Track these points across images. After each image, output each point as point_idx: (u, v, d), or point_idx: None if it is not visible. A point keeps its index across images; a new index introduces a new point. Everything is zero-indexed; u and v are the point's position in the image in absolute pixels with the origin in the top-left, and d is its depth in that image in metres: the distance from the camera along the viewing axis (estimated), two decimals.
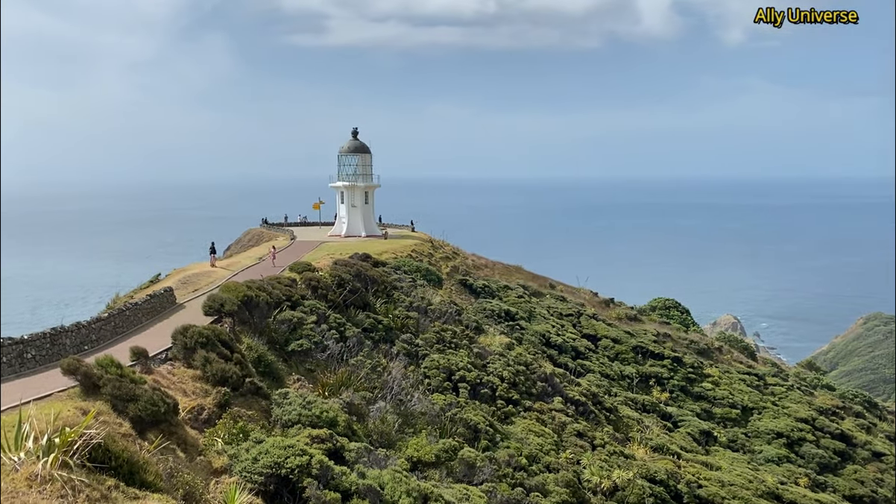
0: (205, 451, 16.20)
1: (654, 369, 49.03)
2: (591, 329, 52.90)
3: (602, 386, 42.67)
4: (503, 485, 23.15)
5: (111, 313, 27.38)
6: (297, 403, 20.30)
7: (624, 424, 37.55)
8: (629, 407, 41.49)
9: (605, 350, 50.38)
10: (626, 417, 38.68)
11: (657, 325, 61.30)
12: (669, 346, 53.00)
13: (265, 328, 27.33)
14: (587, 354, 47.97)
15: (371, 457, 19.30)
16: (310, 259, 43.64)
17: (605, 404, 38.16)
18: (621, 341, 51.62)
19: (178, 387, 19.08)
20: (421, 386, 29.90)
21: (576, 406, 35.56)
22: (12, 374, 20.14)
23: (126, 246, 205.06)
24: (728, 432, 43.70)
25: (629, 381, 46.93)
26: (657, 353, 50.85)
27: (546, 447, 28.64)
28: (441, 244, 65.40)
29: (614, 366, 48.33)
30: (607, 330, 53.02)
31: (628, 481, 27.65)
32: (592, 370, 45.39)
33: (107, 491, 9.85)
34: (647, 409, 42.88)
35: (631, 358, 50.19)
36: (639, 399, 43.86)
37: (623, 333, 53.01)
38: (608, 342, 51.24)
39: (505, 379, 33.27)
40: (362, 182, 67.63)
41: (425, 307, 39.68)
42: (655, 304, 75.14)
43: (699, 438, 40.86)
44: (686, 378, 49.15)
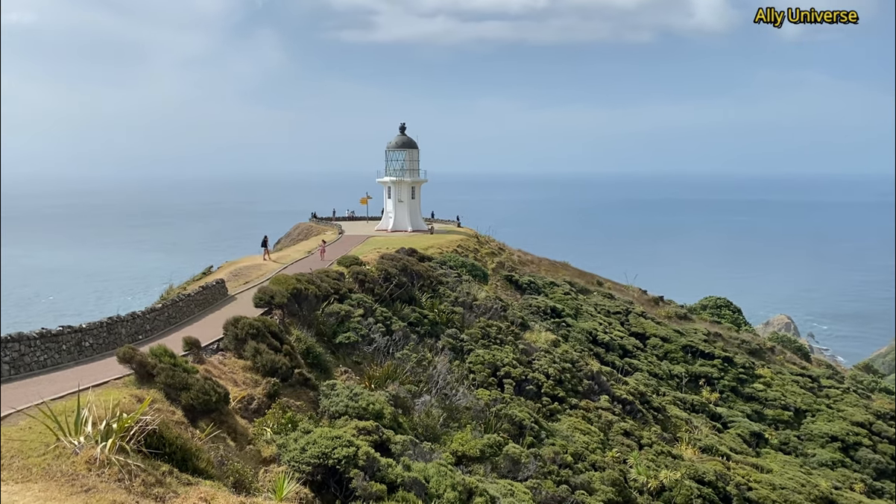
0: (254, 441, 16.51)
1: (704, 369, 48.14)
2: (640, 327, 52.20)
3: (650, 385, 42.09)
4: (548, 482, 23.04)
5: (165, 304, 28.11)
6: (344, 395, 20.53)
7: (672, 424, 36.99)
8: (678, 407, 40.84)
9: (654, 349, 49.67)
10: (675, 417, 38.09)
11: (708, 324, 60.16)
12: (720, 346, 51.96)
13: (314, 320, 27.71)
14: (635, 353, 47.37)
15: (416, 450, 19.41)
16: (357, 253, 44.05)
17: (652, 403, 37.65)
18: (670, 340, 50.81)
19: (228, 377, 19.48)
20: (466, 381, 29.95)
21: (623, 405, 35.18)
22: (71, 361, 20.85)
23: (179, 238, 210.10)
24: (780, 435, 42.66)
25: (678, 381, 46.19)
26: (707, 353, 49.91)
27: (592, 445, 28.39)
28: (487, 240, 65.31)
29: (663, 365, 47.61)
30: (656, 328, 52.25)
31: (676, 482, 27.24)
32: (640, 369, 44.82)
33: (161, 476, 10.13)
34: (696, 410, 42.15)
35: (680, 357, 49.38)
36: (688, 399, 43.13)
37: (672, 332, 52.17)
38: (657, 341, 50.50)
39: (551, 376, 33.09)
40: (409, 177, 67.93)
41: (470, 302, 39.69)
42: (706, 302, 73.73)
43: (749, 440, 40.00)
44: (737, 378, 48.13)
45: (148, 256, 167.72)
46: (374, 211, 79.20)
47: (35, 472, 9.54)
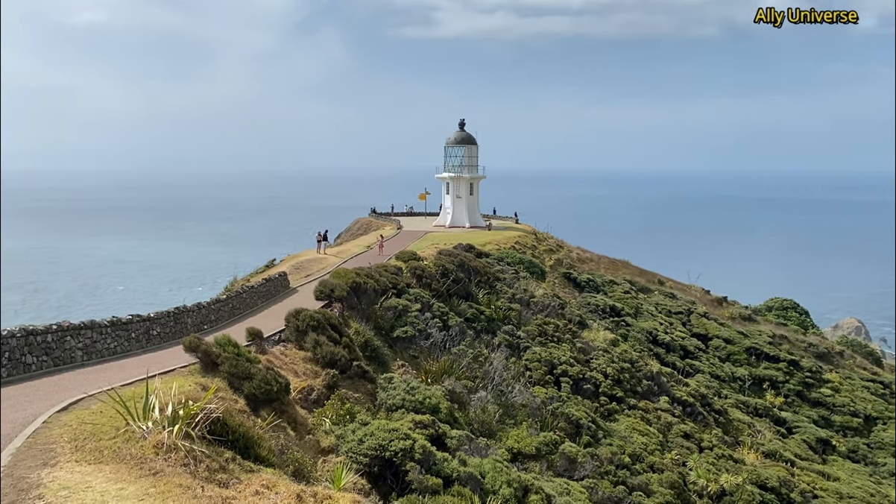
0: (313, 431, 16.80)
1: (769, 372, 46.78)
2: (702, 328, 51.04)
3: (712, 387, 41.15)
4: (605, 482, 22.78)
5: (229, 295, 28.88)
6: (401, 388, 20.71)
7: (734, 428, 36.11)
8: (740, 410, 39.82)
9: (716, 350, 48.51)
10: (737, 421, 37.17)
11: (773, 326, 58.40)
12: (786, 349, 50.40)
13: (372, 314, 28.03)
14: (697, 354, 46.36)
15: (472, 445, 19.45)
16: (415, 248, 44.35)
17: (714, 406, 36.81)
18: (734, 342, 49.53)
19: (289, 367, 19.88)
20: (522, 378, 29.84)
21: (683, 406, 34.51)
22: (139, 349, 21.64)
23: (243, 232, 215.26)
24: (848, 442, 41.13)
25: (741, 384, 45.01)
26: (772, 356, 48.47)
27: (650, 447, 27.94)
28: (545, 237, 64.85)
29: (725, 367, 46.46)
30: (719, 329, 51.01)
31: (737, 486, 26.59)
32: (702, 370, 43.85)
33: (224, 462, 10.41)
34: (759, 413, 41.01)
35: (743, 359, 48.10)
36: (751, 402, 41.99)
37: (736, 333, 50.85)
38: (719, 342, 49.31)
39: (609, 375, 32.68)
40: (467, 173, 67.97)
41: (528, 299, 39.50)
42: (772, 304, 71.54)
43: (815, 446, 38.69)
44: (803, 382, 46.60)
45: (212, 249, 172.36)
46: (432, 207, 79.60)
47: (106, 455, 9.92)
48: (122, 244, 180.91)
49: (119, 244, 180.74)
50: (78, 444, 10.44)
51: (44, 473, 9.20)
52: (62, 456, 9.92)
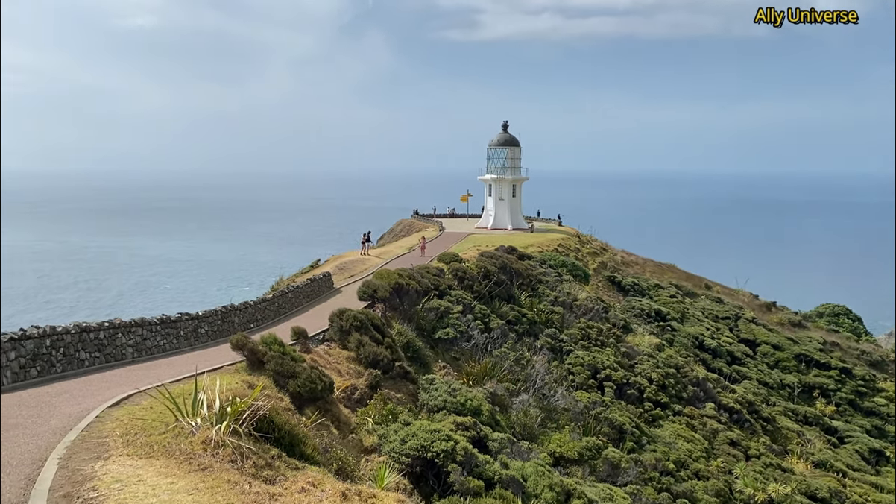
0: (356, 430, 16.93)
1: (819, 380, 45.54)
2: (750, 333, 49.97)
3: (759, 394, 40.26)
4: (648, 488, 22.47)
5: (275, 295, 29.31)
6: (442, 390, 20.75)
7: (782, 436, 35.26)
8: (789, 418, 38.86)
9: (765, 357, 47.43)
10: (785, 429, 36.28)
11: (824, 332, 56.83)
12: (837, 356, 49.00)
13: (414, 315, 28.15)
14: (744, 360, 45.41)
15: (514, 448, 19.38)
16: (457, 250, 44.37)
17: (761, 413, 36.01)
18: (783, 348, 48.37)
19: (333, 366, 20.08)
20: (564, 382, 29.63)
21: (730, 413, 33.85)
22: (188, 346, 22.09)
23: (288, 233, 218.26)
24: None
25: (790, 391, 43.92)
26: (823, 363, 47.17)
27: (696, 454, 27.46)
28: (589, 239, 64.26)
29: (774, 374, 45.41)
30: (767, 335, 49.89)
31: (785, 496, 25.95)
32: (749, 377, 42.93)
33: (270, 459, 10.56)
34: (808, 422, 39.95)
35: (793, 366, 46.92)
36: (800, 410, 40.94)
37: (785, 340, 49.65)
38: (768, 348, 48.21)
39: (653, 380, 32.23)
40: (510, 175, 67.76)
41: (570, 302, 39.19)
42: (823, 310, 69.62)
43: (868, 457, 37.51)
44: (855, 391, 45.25)
45: (258, 249, 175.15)
46: (474, 209, 79.58)
47: (156, 449, 10.15)
48: (171, 244, 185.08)
49: (168, 244, 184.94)
50: (129, 438, 10.69)
51: (97, 466, 9.44)
52: (114, 450, 10.18)
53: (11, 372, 15.15)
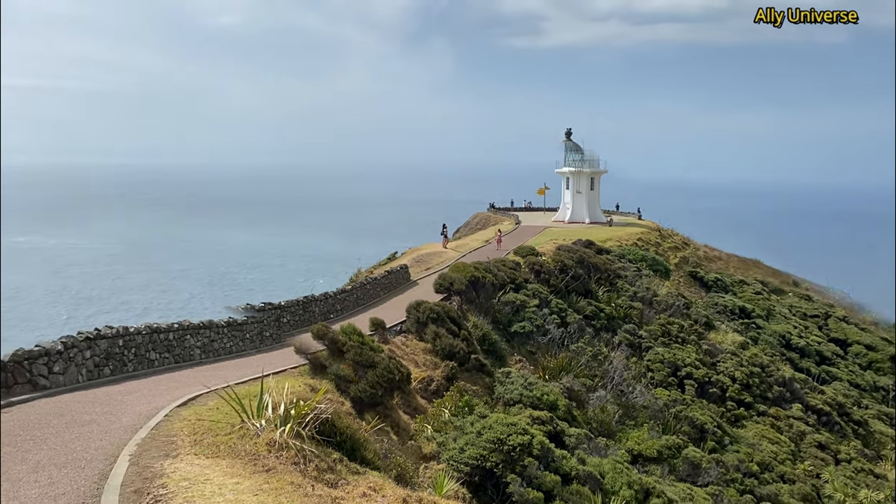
0: (415, 437, 16.71)
1: None
2: (841, 333, 47.70)
3: (850, 396, 38.44)
4: (731, 490, 21.83)
5: (354, 286, 29.88)
6: (518, 383, 20.70)
7: (875, 440, 33.58)
8: (882, 422, 36.95)
9: (857, 357, 45.20)
10: (879, 433, 34.54)
11: None
12: None
13: (490, 308, 28.17)
14: (834, 360, 43.41)
15: (591, 444, 19.16)
16: (533, 243, 44.09)
17: (853, 416, 34.39)
18: (877, 348, 45.96)
19: (409, 357, 20.33)
20: (643, 378, 29.07)
21: (818, 415, 32.48)
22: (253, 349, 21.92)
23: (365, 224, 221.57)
24: None
25: (884, 394, 41.74)
26: None
27: (781, 456, 26.49)
28: (670, 233, 62.69)
29: (866, 375, 43.23)
30: (860, 335, 47.51)
31: (878, 503, 24.71)
32: (839, 378, 41.03)
33: (332, 463, 10.66)
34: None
35: (888, 368, 44.53)
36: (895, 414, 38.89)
37: (879, 340, 47.17)
38: (860, 348, 45.91)
39: (737, 379, 31.24)
40: (588, 168, 66.82)
41: (650, 298, 38.38)
42: None
43: None
44: None
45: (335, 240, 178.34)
46: (551, 202, 78.84)
47: (222, 449, 10.38)
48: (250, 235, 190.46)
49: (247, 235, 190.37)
50: (196, 437, 10.93)
51: (166, 464, 9.72)
52: (182, 448, 10.41)
53: (87, 370, 15.56)
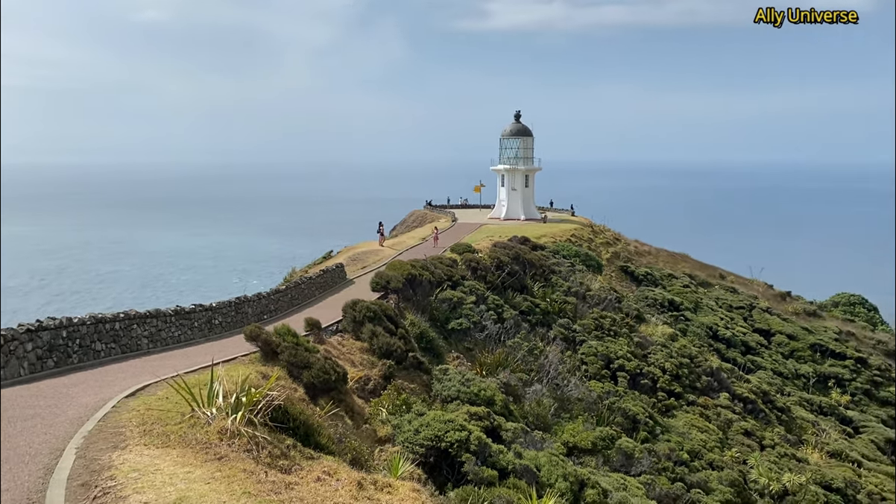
0: (370, 420, 17.00)
1: (834, 369, 45.27)
2: (764, 323, 49.70)
3: (774, 384, 40.09)
4: (662, 478, 22.45)
5: (288, 286, 29.44)
6: (456, 380, 20.79)
7: (797, 426, 35.11)
8: (804, 408, 38.68)
9: (779, 346, 47.18)
10: (800, 419, 36.13)
11: (839, 322, 56.43)
12: (853, 346, 48.67)
13: (427, 306, 28.20)
14: (758, 350, 45.19)
15: (527, 438, 19.41)
16: (470, 241, 44.36)
17: (776, 403, 35.86)
18: (798, 338, 48.08)
19: (346, 357, 20.16)
20: (578, 372, 29.61)
21: (744, 403, 33.73)
22: (202, 337, 22.23)
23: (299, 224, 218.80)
24: None
25: (805, 381, 43.70)
26: (838, 353, 46.87)
27: (710, 444, 27.40)
28: (602, 229, 64.04)
29: (788, 364, 45.18)
30: (782, 325, 49.60)
31: (800, 486, 25.83)
32: (764, 367, 42.74)
33: (286, 449, 10.63)
34: (823, 412, 39.75)
35: (808, 356, 46.65)
36: (815, 400, 40.74)
37: (800, 329, 49.36)
38: (783, 338, 47.94)
39: (667, 370, 32.15)
40: (523, 165, 67.60)
41: (584, 293, 39.11)
42: (838, 299, 69.09)
43: (884, 447, 37.28)
44: (871, 381, 44.94)
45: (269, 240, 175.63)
46: (487, 199, 79.45)
47: (173, 439, 10.24)
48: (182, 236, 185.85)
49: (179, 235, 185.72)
50: (146, 428, 10.79)
51: (115, 456, 9.54)
52: (131, 439, 10.27)
53: (28, 363, 15.30)
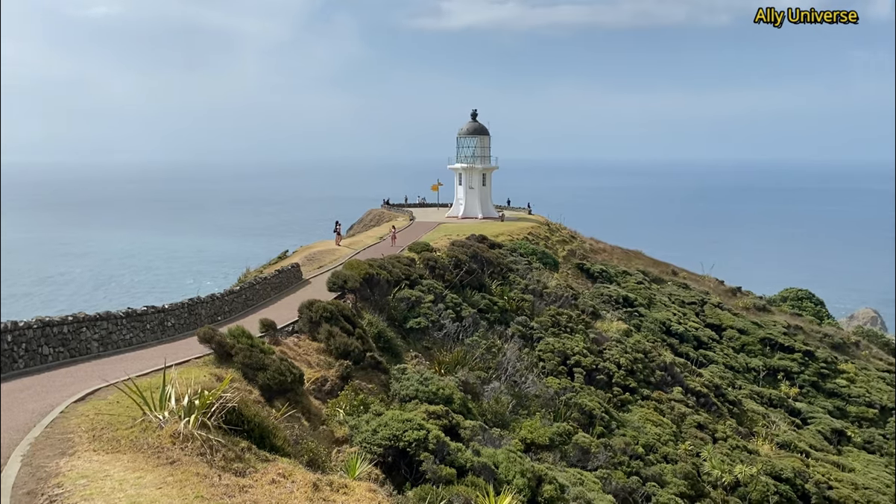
0: (327, 421, 16.89)
1: (783, 363, 46.53)
2: (716, 318, 50.81)
3: (726, 378, 41.01)
4: (618, 472, 22.79)
5: (242, 287, 29.00)
6: (414, 379, 20.77)
7: (748, 418, 35.98)
8: (754, 401, 39.67)
9: (730, 341, 48.29)
10: (751, 411, 37.03)
11: (788, 316, 58.02)
12: (801, 339, 50.08)
13: (385, 305, 28.10)
14: (710, 345, 46.18)
15: (485, 435, 19.50)
16: (428, 239, 44.36)
17: (728, 397, 36.69)
18: (748, 332, 49.28)
19: (303, 358, 19.98)
20: (535, 369, 29.85)
21: (697, 397, 34.41)
22: (154, 340, 21.77)
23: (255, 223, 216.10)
24: (863, 433, 40.88)
25: (755, 374, 44.82)
26: (787, 346, 48.19)
27: (664, 437, 27.90)
28: (558, 227, 64.69)
29: (739, 357, 46.28)
30: (733, 320, 50.76)
31: (751, 477, 26.51)
32: (716, 361, 43.70)
33: (240, 452, 10.49)
34: (773, 404, 40.84)
35: (758, 350, 47.86)
36: (765, 393, 41.82)
37: (750, 324, 50.58)
38: (734, 333, 49.08)
39: (622, 366, 32.63)
40: (480, 164, 67.85)
41: (541, 290, 39.46)
42: (787, 294, 71.07)
43: (831, 437, 38.50)
44: (818, 373, 46.32)
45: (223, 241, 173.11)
46: (445, 198, 79.56)
47: (123, 444, 10.03)
48: (134, 236, 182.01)
49: (131, 236, 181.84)
50: (95, 433, 10.56)
51: (62, 462, 9.30)
52: (80, 445, 10.03)
53: None
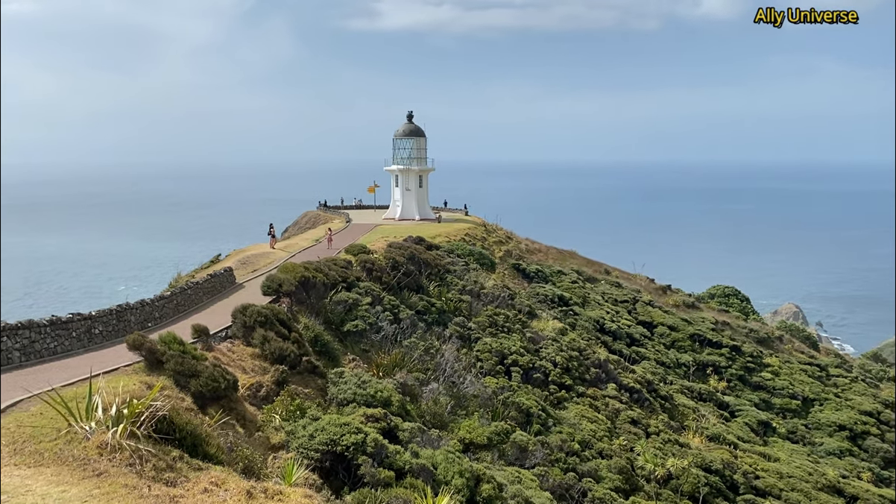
0: (263, 428, 16.59)
1: (712, 358, 48.10)
2: (647, 316, 52.15)
3: (657, 373, 42.09)
4: (555, 469, 23.10)
5: (174, 292, 28.20)
6: (352, 383, 20.59)
7: (679, 413, 37.01)
8: (685, 395, 40.85)
9: (661, 337, 49.63)
10: (682, 406, 38.10)
11: (715, 312, 60.04)
12: (728, 335, 51.88)
13: (321, 308, 27.77)
14: (642, 341, 47.34)
15: (424, 437, 19.49)
16: (365, 241, 44.06)
17: (660, 392, 37.65)
18: (678, 329, 50.76)
19: (237, 364, 19.56)
20: (473, 369, 30.01)
21: (630, 393, 35.20)
22: (80, 348, 20.95)
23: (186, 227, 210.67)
24: (787, 423, 42.65)
25: (685, 370, 46.17)
26: (715, 342, 49.85)
27: (599, 433, 28.45)
28: (494, 228, 65.24)
29: (670, 353, 47.59)
30: (664, 317, 52.19)
31: (683, 470, 27.28)
32: (648, 357, 44.81)
33: (172, 461, 10.20)
34: (703, 398, 42.15)
35: (688, 346, 49.34)
36: (695, 387, 43.13)
37: (680, 321, 52.10)
38: (664, 329, 50.46)
39: (558, 364, 33.12)
40: (416, 166, 67.84)
41: (478, 291, 39.70)
42: (714, 291, 73.56)
43: (757, 429, 39.99)
44: (744, 367, 48.08)
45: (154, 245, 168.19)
46: (381, 199, 79.23)
47: (47, 457, 9.62)
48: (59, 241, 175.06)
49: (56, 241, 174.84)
50: (17, 447, 10.09)
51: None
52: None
53: None
